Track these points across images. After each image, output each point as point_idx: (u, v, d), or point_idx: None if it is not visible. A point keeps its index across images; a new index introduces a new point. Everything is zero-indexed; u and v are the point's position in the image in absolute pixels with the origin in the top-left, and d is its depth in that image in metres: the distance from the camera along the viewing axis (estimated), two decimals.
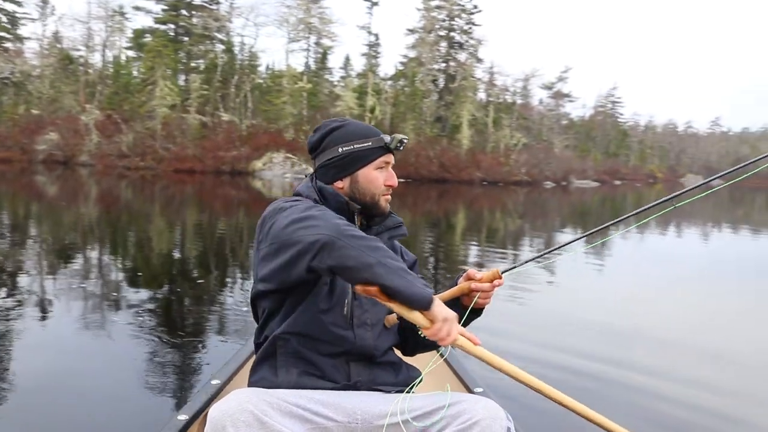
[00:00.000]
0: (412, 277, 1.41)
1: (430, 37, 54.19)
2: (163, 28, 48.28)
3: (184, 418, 1.84)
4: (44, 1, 47.51)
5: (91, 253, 8.78)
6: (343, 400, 1.61)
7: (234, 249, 10.15)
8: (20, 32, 48.22)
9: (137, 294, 6.21)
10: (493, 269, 1.72)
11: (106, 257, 8.59)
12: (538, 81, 63.87)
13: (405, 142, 1.78)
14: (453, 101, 53.19)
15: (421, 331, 1.68)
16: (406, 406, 1.55)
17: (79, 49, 48.10)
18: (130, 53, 50.26)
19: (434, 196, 29.21)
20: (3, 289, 6.09)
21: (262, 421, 1.42)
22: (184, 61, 48.18)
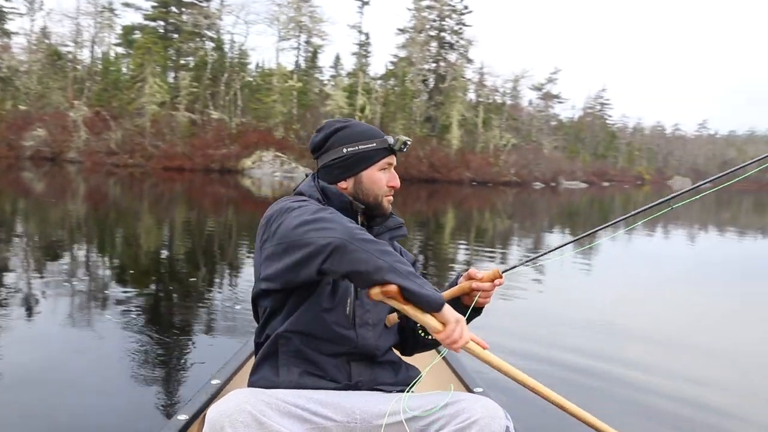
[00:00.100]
0: (422, 281, 1.42)
1: (421, 37, 54.31)
2: (152, 24, 48.12)
3: (183, 418, 1.84)
4: None
5: (79, 251, 8.73)
6: (343, 399, 1.61)
7: (223, 247, 10.12)
8: (8, 27, 47.94)
9: (125, 291, 6.17)
10: (493, 269, 1.72)
11: (94, 255, 8.54)
12: (527, 82, 64.24)
13: (408, 144, 1.79)
14: (443, 101, 53.35)
15: (423, 333, 1.70)
16: (406, 405, 1.55)
17: (68, 45, 47.97)
18: (120, 50, 50.14)
19: (424, 196, 29.24)
20: None
21: (260, 422, 1.42)
22: (174, 59, 48.01)
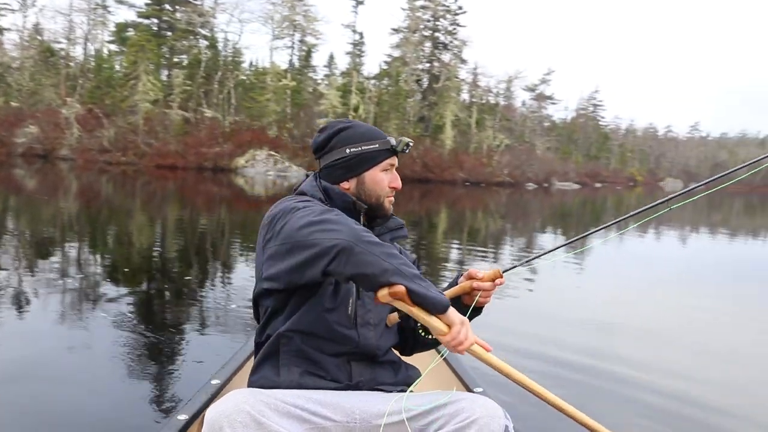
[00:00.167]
0: (427, 284, 1.42)
1: (415, 37, 54.35)
2: (146, 22, 47.93)
3: (183, 418, 1.84)
4: None
5: (70, 248, 8.73)
6: (342, 399, 1.61)
7: (216, 245, 10.13)
8: (0, 23, 47.63)
9: (117, 289, 6.16)
10: (494, 269, 1.74)
11: (86, 252, 8.54)
12: (521, 83, 64.43)
13: (411, 146, 1.80)
14: (436, 101, 53.41)
15: (423, 332, 1.72)
16: (405, 405, 1.54)
17: (61, 42, 47.63)
18: (113, 47, 49.82)
19: (417, 196, 29.24)
20: None
21: (259, 422, 1.42)
22: (167, 56, 47.85)
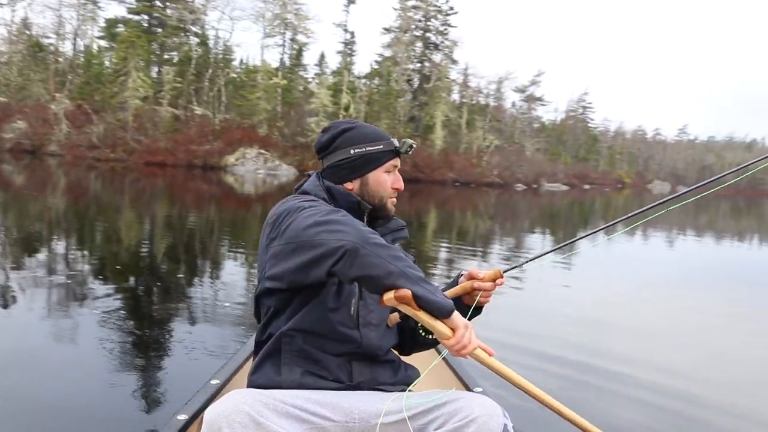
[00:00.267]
0: (432, 287, 1.42)
1: (406, 37, 54.40)
2: (136, 18, 47.58)
3: (183, 418, 1.84)
4: None
5: (58, 245, 8.72)
6: (341, 399, 1.61)
7: (205, 243, 10.15)
8: None
9: (105, 286, 6.17)
10: (494, 269, 1.76)
11: (74, 249, 8.53)
12: (511, 84, 64.86)
13: (414, 147, 1.82)
14: (427, 101, 53.50)
15: (423, 332, 1.75)
16: (404, 404, 1.55)
17: (50, 37, 47.27)
18: (102, 43, 49.55)
19: (406, 196, 29.25)
20: None
21: (258, 422, 1.42)
22: (158, 53, 47.58)
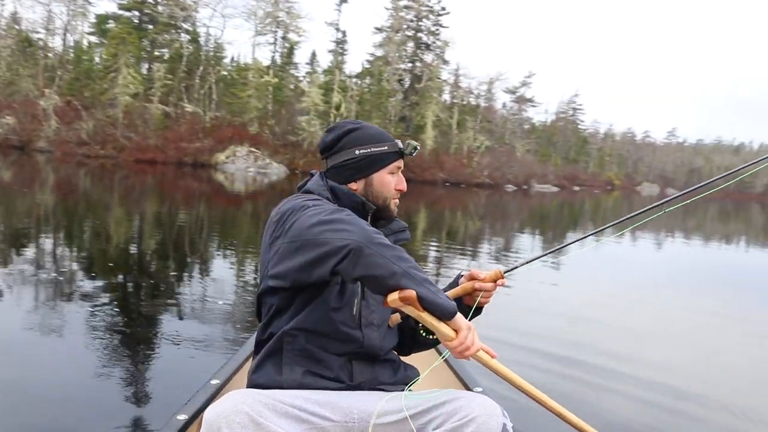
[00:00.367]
0: (435, 288, 1.42)
1: (398, 37, 54.45)
2: (127, 14, 47.41)
3: (183, 418, 1.83)
4: None
5: (45, 242, 8.69)
6: (341, 399, 1.61)
7: (194, 241, 10.15)
8: None
9: (93, 283, 6.17)
10: (495, 269, 1.78)
11: (61, 246, 8.52)
12: (502, 85, 65.08)
13: (418, 149, 1.84)
14: (418, 101, 53.56)
15: (424, 332, 1.79)
16: (403, 404, 1.55)
17: (39, 32, 46.95)
18: (93, 39, 49.23)
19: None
20: None
21: (257, 422, 1.42)
22: (149, 50, 47.42)
